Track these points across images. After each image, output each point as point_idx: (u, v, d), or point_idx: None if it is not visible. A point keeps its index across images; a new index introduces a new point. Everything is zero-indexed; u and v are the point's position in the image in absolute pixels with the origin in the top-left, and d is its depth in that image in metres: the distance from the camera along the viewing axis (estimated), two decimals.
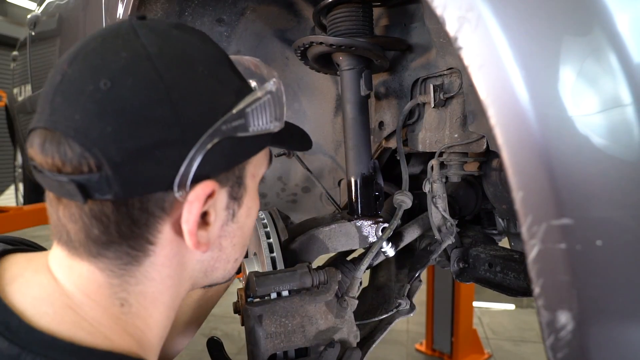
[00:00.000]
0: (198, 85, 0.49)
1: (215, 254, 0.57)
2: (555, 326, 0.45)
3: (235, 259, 0.61)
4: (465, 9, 0.45)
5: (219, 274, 0.60)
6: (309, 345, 0.75)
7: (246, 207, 0.58)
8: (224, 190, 0.54)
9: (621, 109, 0.44)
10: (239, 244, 0.60)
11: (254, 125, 0.52)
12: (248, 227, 0.61)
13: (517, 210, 0.45)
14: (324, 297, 0.78)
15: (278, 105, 0.55)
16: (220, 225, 0.55)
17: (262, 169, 0.62)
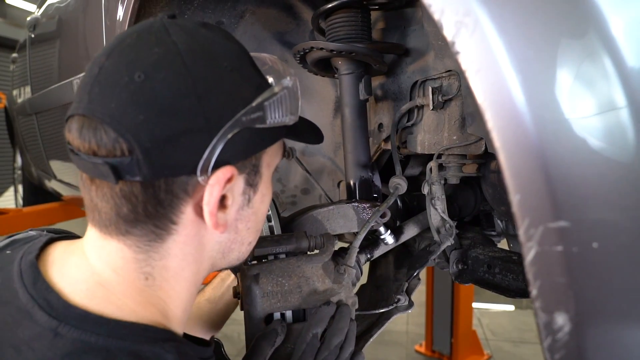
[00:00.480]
0: (222, 79, 0.54)
1: (232, 236, 0.61)
2: (552, 328, 0.46)
3: (249, 242, 0.65)
4: (463, 13, 0.46)
5: (235, 256, 0.64)
6: (306, 306, 0.74)
7: (261, 193, 0.62)
8: (241, 176, 0.57)
9: (616, 112, 0.45)
10: (253, 228, 0.63)
11: (271, 118, 0.56)
12: (262, 212, 0.65)
13: (515, 212, 0.46)
14: (321, 259, 0.78)
15: (293, 100, 0.59)
16: (237, 209, 0.59)
17: (276, 159, 0.66)
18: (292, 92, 0.59)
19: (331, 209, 0.95)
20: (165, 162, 0.50)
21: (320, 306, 0.73)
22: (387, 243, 0.99)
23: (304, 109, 1.43)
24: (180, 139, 0.50)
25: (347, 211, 0.96)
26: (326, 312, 0.72)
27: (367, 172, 1.03)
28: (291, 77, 0.60)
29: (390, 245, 1.01)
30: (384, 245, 1.00)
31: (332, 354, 0.69)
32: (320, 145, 1.46)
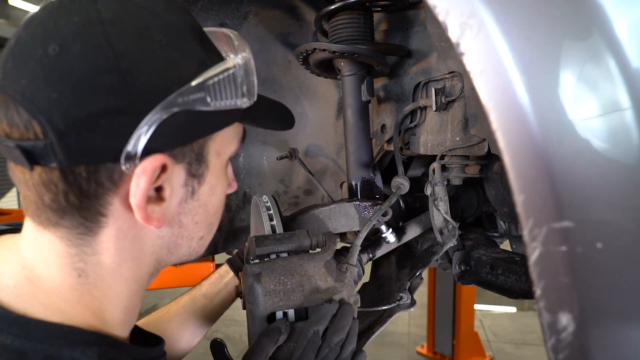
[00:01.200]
0: (153, 54, 0.47)
1: (176, 230, 0.56)
2: (556, 328, 0.46)
3: (200, 237, 0.60)
4: (467, 15, 0.46)
5: (184, 251, 0.59)
6: (308, 304, 0.74)
7: (209, 185, 0.57)
8: (180, 165, 0.52)
9: (620, 113, 0.45)
10: (202, 222, 0.58)
11: (215, 100, 0.50)
12: (213, 205, 0.59)
13: (519, 213, 0.46)
14: (323, 257, 0.77)
15: (246, 80, 0.53)
16: (178, 202, 0.54)
17: (230, 147, 0.59)
18: (243, 71, 0.53)
19: (333, 208, 0.96)
20: (82, 147, 0.44)
21: (322, 304, 0.73)
22: (389, 242, 1.00)
23: (307, 110, 1.43)
24: (100, 121, 0.44)
25: (349, 210, 0.96)
26: (328, 310, 0.72)
27: (368, 172, 1.03)
28: (245, 54, 0.54)
29: (392, 244, 1.01)
30: (386, 244, 1.01)
31: (333, 351, 0.69)
32: (323, 146, 1.46)
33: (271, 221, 0.87)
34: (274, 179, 1.47)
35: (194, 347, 1.04)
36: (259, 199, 0.93)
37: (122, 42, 0.46)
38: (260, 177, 1.44)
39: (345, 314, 0.72)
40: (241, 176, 1.42)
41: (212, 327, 1.10)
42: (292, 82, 1.39)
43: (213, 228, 0.63)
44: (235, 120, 0.57)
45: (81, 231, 0.50)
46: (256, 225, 0.97)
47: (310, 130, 1.45)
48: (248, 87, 0.54)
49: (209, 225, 0.61)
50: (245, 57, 0.54)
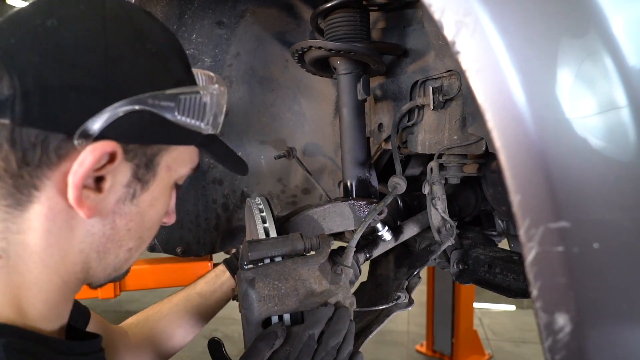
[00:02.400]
0: (139, 56, 0.51)
1: (108, 230, 0.55)
2: (553, 328, 0.46)
3: (129, 248, 0.59)
4: (463, 13, 0.46)
5: (111, 260, 0.57)
6: (303, 308, 0.74)
7: (151, 195, 0.57)
8: (128, 164, 0.53)
9: (617, 111, 0.45)
10: (134, 231, 0.58)
11: (182, 115, 0.53)
12: (149, 218, 0.59)
13: (515, 213, 0.46)
14: (317, 260, 0.77)
15: (213, 110, 0.57)
16: (116, 200, 0.54)
17: (182, 169, 0.61)
18: (214, 101, 0.57)
19: (327, 208, 0.95)
20: (43, 111, 0.45)
21: (317, 308, 0.73)
22: (385, 240, 0.99)
23: (305, 109, 1.43)
24: (70, 94, 0.46)
25: (344, 209, 0.96)
26: (323, 314, 0.71)
27: (364, 171, 1.03)
28: (220, 88, 0.58)
29: (389, 243, 1.01)
30: (382, 243, 1.00)
31: (330, 355, 0.68)
32: (321, 145, 1.46)
33: (264, 224, 0.87)
34: (271, 178, 1.47)
35: (186, 345, 1.03)
36: (252, 202, 0.93)
37: (116, 36, 0.49)
38: (257, 176, 1.44)
39: (341, 317, 0.72)
40: (239, 175, 1.41)
41: (210, 325, 1.10)
42: (289, 81, 1.39)
43: (143, 245, 0.62)
44: (194, 143, 0.59)
45: (10, 203, 0.49)
46: (250, 227, 0.97)
47: (308, 129, 1.44)
48: (214, 117, 0.57)
49: (139, 239, 0.60)
50: (220, 91, 0.58)
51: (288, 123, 1.42)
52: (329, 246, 0.80)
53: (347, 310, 0.74)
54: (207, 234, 1.38)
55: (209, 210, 1.38)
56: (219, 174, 1.38)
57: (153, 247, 1.32)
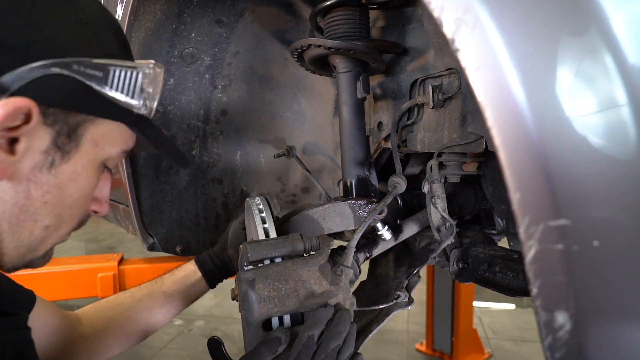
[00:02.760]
0: (67, 23, 0.50)
1: (21, 199, 0.52)
2: (552, 326, 0.46)
3: (46, 226, 0.56)
4: (462, 11, 0.45)
5: (24, 236, 0.54)
6: (304, 310, 0.73)
7: (73, 167, 0.55)
8: (47, 129, 0.51)
9: (617, 110, 0.45)
10: (52, 205, 0.55)
11: (110, 87, 0.52)
12: (71, 194, 0.56)
13: (515, 211, 0.45)
14: (317, 261, 0.77)
15: (147, 89, 0.55)
16: (32, 166, 0.51)
17: (112, 147, 0.58)
18: (148, 80, 0.55)
19: (327, 208, 0.95)
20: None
21: (317, 309, 0.73)
22: (385, 239, 0.99)
23: (304, 108, 1.43)
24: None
25: (343, 209, 0.96)
26: (323, 315, 0.71)
27: (364, 170, 1.03)
28: (154, 66, 0.56)
29: (388, 242, 1.00)
30: (382, 242, 1.00)
31: (330, 357, 0.67)
32: (320, 144, 1.46)
33: (264, 224, 0.86)
34: (271, 177, 1.47)
35: (186, 344, 1.02)
36: (251, 201, 0.92)
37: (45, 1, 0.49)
38: (257, 175, 1.44)
39: (342, 319, 0.71)
40: (238, 174, 1.41)
41: (209, 324, 1.10)
42: (289, 80, 1.39)
43: (62, 225, 0.58)
44: (124, 120, 0.58)
45: None
46: (249, 227, 0.97)
47: (307, 127, 1.44)
48: (148, 96, 0.56)
49: (58, 217, 0.56)
50: (154, 71, 0.56)
51: (287, 122, 1.42)
52: (329, 247, 0.80)
53: (348, 313, 0.73)
54: (207, 232, 1.38)
55: (208, 209, 1.38)
56: (218, 173, 1.38)
57: (153, 246, 1.32)
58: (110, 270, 1.49)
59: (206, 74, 1.27)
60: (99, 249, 6.74)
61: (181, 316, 4.15)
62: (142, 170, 1.26)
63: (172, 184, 1.31)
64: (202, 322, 4.09)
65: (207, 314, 4.26)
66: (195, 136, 1.31)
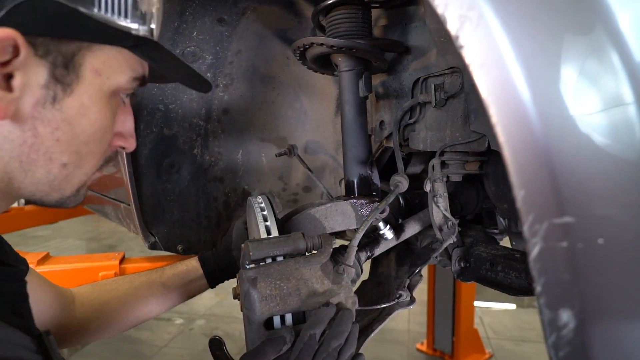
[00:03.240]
0: None
1: (29, 138, 0.50)
2: (557, 324, 0.45)
3: (63, 164, 0.54)
4: (467, 7, 0.45)
5: (41, 174, 0.53)
6: (305, 308, 0.73)
7: (79, 101, 0.52)
8: (41, 61, 0.48)
9: (623, 108, 0.44)
10: (66, 142, 0.53)
11: (100, 9, 0.48)
12: (83, 130, 0.54)
13: (519, 208, 0.45)
14: (319, 260, 0.77)
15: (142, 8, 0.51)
16: (34, 102, 0.49)
17: (119, 75, 0.55)
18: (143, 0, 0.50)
19: (329, 207, 0.95)
20: None
21: (319, 307, 0.73)
22: (387, 238, 0.99)
23: (306, 106, 1.42)
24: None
25: (345, 208, 0.96)
26: (325, 314, 0.70)
27: (366, 169, 1.03)
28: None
29: (390, 241, 1.00)
30: (384, 241, 1.00)
31: (331, 356, 0.67)
32: (322, 143, 1.46)
33: (265, 222, 0.86)
34: (272, 176, 1.46)
35: (187, 343, 1.02)
36: (253, 200, 0.92)
37: None
38: (258, 174, 1.43)
39: (344, 319, 0.71)
40: (240, 173, 1.41)
41: (210, 324, 1.09)
42: (290, 79, 1.38)
43: (83, 163, 0.56)
44: (123, 44, 0.53)
45: None
46: (251, 226, 0.97)
47: (309, 126, 1.44)
48: (144, 15, 0.52)
49: (75, 153, 0.54)
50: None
51: (289, 121, 1.42)
52: (331, 245, 0.80)
53: (350, 312, 0.73)
54: (208, 231, 1.38)
55: (209, 208, 1.38)
56: (220, 172, 1.38)
57: (154, 244, 1.32)
58: (112, 269, 1.48)
59: (208, 73, 1.27)
60: (100, 248, 6.74)
61: (182, 315, 4.15)
62: (144, 169, 1.26)
63: (173, 182, 1.31)
64: (203, 321, 4.09)
65: (208, 313, 4.26)
66: (197, 135, 1.31)
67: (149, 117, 1.24)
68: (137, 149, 1.24)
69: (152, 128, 1.25)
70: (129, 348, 3.59)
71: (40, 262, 1.45)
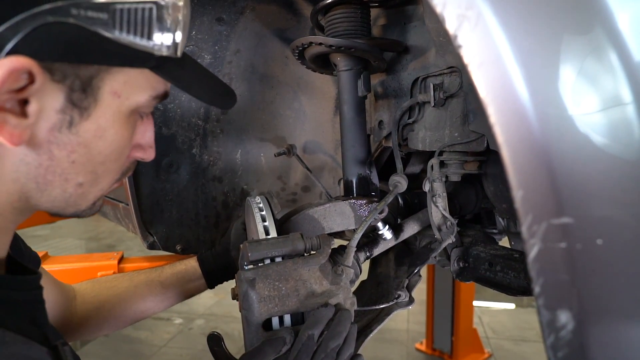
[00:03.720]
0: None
1: (45, 161, 0.50)
2: (555, 325, 0.45)
3: (79, 183, 0.53)
4: (465, 7, 0.45)
5: (57, 193, 0.53)
6: (304, 309, 0.73)
7: (96, 124, 0.51)
8: (58, 85, 0.47)
9: (621, 108, 0.44)
10: (81, 164, 0.52)
11: (120, 30, 0.45)
12: (100, 151, 0.53)
13: (517, 209, 0.45)
14: (318, 260, 0.77)
15: (166, 26, 0.48)
16: (49, 128, 0.48)
17: (138, 96, 0.53)
18: (165, 15, 0.47)
19: (327, 207, 0.95)
20: None
21: (317, 308, 0.72)
22: (386, 238, 0.99)
23: (305, 106, 1.42)
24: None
25: (344, 208, 0.95)
26: (323, 314, 0.70)
27: (365, 169, 1.02)
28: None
29: (389, 241, 1.00)
30: (383, 242, 1.00)
31: (329, 357, 0.67)
32: (321, 143, 1.45)
33: (264, 222, 0.86)
34: (271, 176, 1.46)
35: (186, 343, 1.03)
36: (251, 200, 0.92)
37: None
38: (257, 173, 1.43)
39: (342, 319, 0.71)
40: (238, 173, 1.41)
41: (209, 323, 1.09)
42: (289, 78, 1.38)
43: (100, 180, 0.56)
44: (145, 65, 0.51)
45: None
46: (250, 227, 0.97)
47: (308, 126, 1.44)
48: (168, 34, 0.48)
49: (91, 173, 0.54)
50: (172, 3, 0.48)
51: (288, 120, 1.42)
52: (330, 246, 0.80)
53: (349, 313, 0.73)
54: (207, 231, 1.38)
55: (208, 207, 1.37)
56: (218, 172, 1.38)
57: (153, 244, 1.32)
58: (111, 268, 1.48)
59: None
60: (99, 248, 6.74)
61: (181, 315, 4.15)
62: (142, 168, 1.25)
63: (172, 182, 1.31)
64: (203, 320, 4.09)
65: (207, 313, 4.25)
66: (196, 134, 1.31)
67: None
68: None
69: None
70: (129, 348, 3.59)
71: None
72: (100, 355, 3.42)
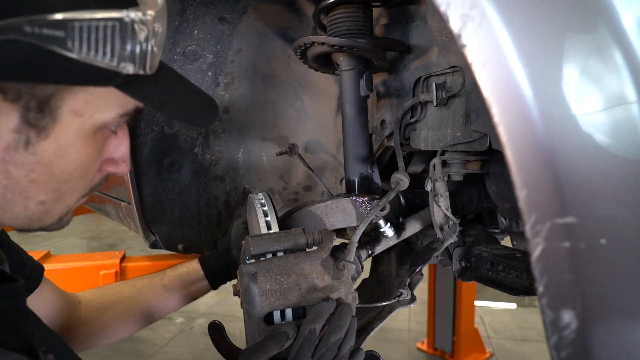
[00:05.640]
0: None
1: (2, 180, 0.49)
2: (559, 325, 0.45)
3: (41, 201, 0.52)
4: (469, 6, 0.45)
5: (19, 211, 0.52)
6: (305, 303, 0.74)
7: (57, 143, 0.49)
8: (10, 104, 0.45)
9: (626, 107, 0.44)
10: (42, 183, 0.51)
11: (80, 49, 0.43)
12: (62, 170, 0.51)
13: (521, 208, 0.45)
14: (319, 255, 0.77)
15: (132, 43, 0.45)
16: (4, 147, 0.47)
17: (102, 114, 0.51)
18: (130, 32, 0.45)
19: (329, 204, 0.95)
20: None
21: (319, 302, 0.73)
22: (387, 236, 0.99)
23: (307, 105, 1.42)
24: None
25: (346, 205, 0.95)
26: (325, 308, 0.71)
27: (366, 168, 1.02)
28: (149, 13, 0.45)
29: (391, 239, 1.00)
30: (385, 239, 1.00)
31: (331, 350, 0.67)
32: (323, 142, 1.45)
33: (266, 217, 0.86)
34: (273, 175, 1.46)
35: (188, 342, 1.03)
36: (254, 196, 0.92)
37: None
38: (259, 173, 1.43)
39: (343, 313, 0.71)
40: (240, 172, 1.41)
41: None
42: (291, 77, 1.38)
43: (64, 198, 0.54)
44: (110, 84, 0.48)
45: None
46: (252, 222, 0.97)
47: (310, 125, 1.44)
48: (134, 52, 0.45)
49: (54, 191, 0.52)
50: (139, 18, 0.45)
51: (290, 120, 1.42)
52: (332, 241, 0.80)
53: (349, 307, 0.73)
54: (209, 230, 1.38)
55: (210, 207, 1.38)
56: (220, 171, 1.38)
57: (155, 243, 1.32)
58: (112, 267, 1.48)
59: (209, 72, 1.27)
60: (101, 247, 6.75)
61: (182, 314, 4.15)
62: (144, 167, 1.26)
63: (174, 181, 1.31)
64: (204, 320, 4.09)
65: (208, 312, 4.26)
66: (198, 134, 1.31)
67: (150, 115, 1.24)
68: (138, 147, 1.24)
69: (152, 127, 1.25)
70: (130, 346, 3.60)
71: (41, 261, 1.45)
72: (101, 354, 3.42)
